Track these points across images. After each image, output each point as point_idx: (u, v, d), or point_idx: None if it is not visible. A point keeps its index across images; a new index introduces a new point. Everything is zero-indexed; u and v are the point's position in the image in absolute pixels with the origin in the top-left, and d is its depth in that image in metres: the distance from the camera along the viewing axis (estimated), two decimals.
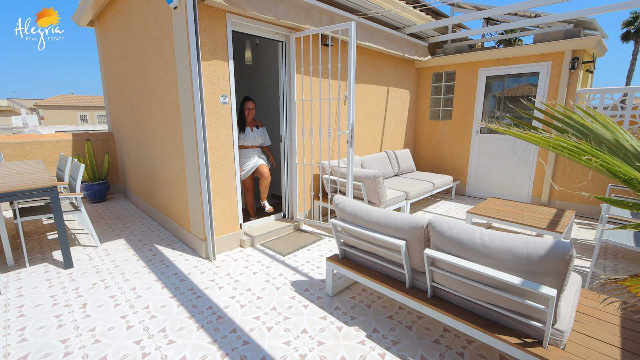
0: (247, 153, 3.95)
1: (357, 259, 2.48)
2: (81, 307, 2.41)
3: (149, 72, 3.73)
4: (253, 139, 3.97)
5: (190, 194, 3.31)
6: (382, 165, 4.99)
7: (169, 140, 3.58)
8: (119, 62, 4.70)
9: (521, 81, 5.23)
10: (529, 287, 1.47)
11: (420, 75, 6.24)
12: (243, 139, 3.89)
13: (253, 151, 3.99)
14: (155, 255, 3.30)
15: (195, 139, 3.02)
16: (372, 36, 4.57)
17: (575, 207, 4.79)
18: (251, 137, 3.95)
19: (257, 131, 4.02)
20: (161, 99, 3.57)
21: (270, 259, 3.24)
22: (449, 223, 1.80)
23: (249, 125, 3.97)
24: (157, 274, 2.90)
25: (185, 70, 2.95)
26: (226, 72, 3.16)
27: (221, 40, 3.08)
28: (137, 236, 3.81)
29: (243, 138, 3.89)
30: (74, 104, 28.22)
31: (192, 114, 2.98)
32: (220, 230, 3.34)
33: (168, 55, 3.24)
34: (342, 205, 2.36)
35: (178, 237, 3.73)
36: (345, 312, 2.37)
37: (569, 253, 1.45)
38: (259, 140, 4.04)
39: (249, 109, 3.87)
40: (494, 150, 5.50)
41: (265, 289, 2.68)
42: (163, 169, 3.86)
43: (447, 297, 1.95)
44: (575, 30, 4.57)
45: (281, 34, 3.66)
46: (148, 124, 4.05)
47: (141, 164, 4.57)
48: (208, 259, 3.21)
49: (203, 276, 2.87)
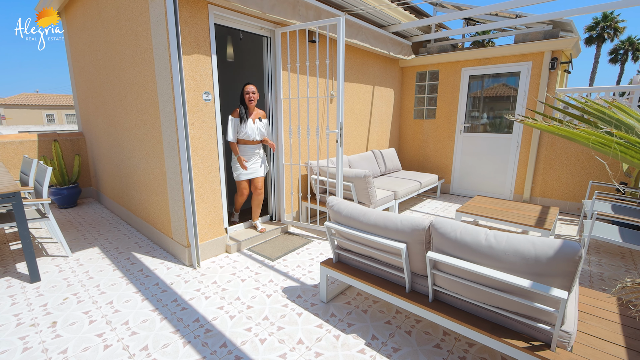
0: (245, 150, 3.42)
1: (353, 263, 2.38)
2: (50, 325, 2.17)
3: (124, 67, 3.48)
4: (254, 133, 3.39)
5: (171, 197, 3.11)
6: (369, 165, 4.93)
7: (146, 140, 3.35)
8: (89, 56, 4.38)
9: (499, 81, 5.32)
10: (540, 290, 1.42)
11: (404, 74, 6.25)
12: (242, 132, 3.34)
13: (253, 148, 3.45)
14: (134, 264, 3.07)
15: (176, 139, 2.82)
16: (358, 33, 4.50)
17: (555, 203, 4.92)
18: (252, 130, 3.36)
19: (259, 124, 3.43)
20: (138, 95, 3.33)
21: (258, 264, 3.09)
22: (452, 224, 1.74)
23: (251, 115, 3.41)
24: (137, 285, 2.69)
25: (165, 65, 2.75)
26: (209, 68, 2.98)
27: (203, 33, 2.90)
28: (112, 244, 3.55)
29: (242, 131, 3.33)
30: (39, 103, 26.58)
31: (172, 112, 2.79)
32: (205, 235, 3.15)
33: (145, 49, 3.02)
34: (336, 208, 2.25)
35: (158, 244, 3.50)
36: (342, 318, 2.27)
37: (578, 253, 1.41)
38: (262, 136, 3.48)
39: (249, 93, 3.30)
40: (477, 148, 5.58)
41: (256, 297, 2.53)
42: (140, 170, 3.62)
43: (449, 301, 1.89)
44: (554, 31, 4.69)
45: (266, 28, 3.51)
46: (123, 122, 3.79)
47: (116, 166, 4.28)
48: (192, 266, 3.02)
49: (187, 285, 2.69)
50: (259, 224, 3.73)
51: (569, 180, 4.78)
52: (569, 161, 4.74)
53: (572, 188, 4.77)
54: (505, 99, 5.31)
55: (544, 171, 4.96)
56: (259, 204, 3.66)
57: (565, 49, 4.56)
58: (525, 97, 4.95)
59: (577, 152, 4.66)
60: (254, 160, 3.50)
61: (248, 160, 3.45)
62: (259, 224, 3.72)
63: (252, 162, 3.48)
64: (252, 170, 3.48)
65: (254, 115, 3.41)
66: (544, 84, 4.72)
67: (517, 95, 5.04)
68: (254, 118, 3.41)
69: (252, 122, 3.38)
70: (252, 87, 3.34)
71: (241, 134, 3.35)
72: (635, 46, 30.45)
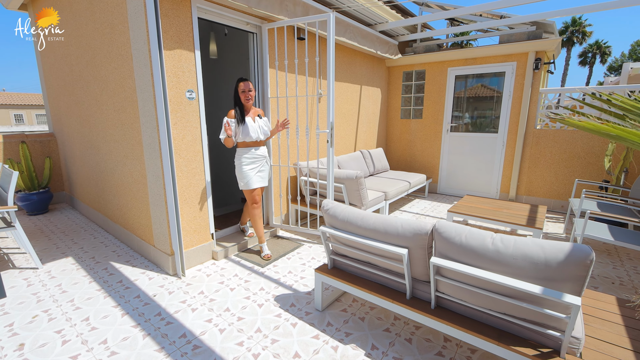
0: (249, 153, 3.03)
1: (349, 269, 2.28)
2: (17, 349, 1.96)
3: (99, 63, 3.24)
4: (257, 133, 3.00)
5: (152, 202, 2.91)
6: (358, 165, 4.86)
7: (124, 141, 3.13)
8: (60, 52, 4.08)
9: (484, 81, 5.37)
10: (553, 297, 1.36)
11: (391, 73, 6.22)
12: (242, 134, 2.95)
13: (257, 150, 3.07)
14: (112, 275, 2.85)
15: (157, 140, 2.64)
16: (346, 31, 4.41)
17: (540, 201, 5.01)
18: (254, 129, 2.98)
19: (260, 122, 3.07)
20: (114, 93, 3.11)
21: (248, 271, 2.94)
22: (457, 228, 1.66)
23: (249, 113, 3.03)
24: (116, 298, 2.48)
25: (144, 61, 2.55)
26: (192, 64, 2.81)
27: (186, 27, 2.72)
28: (88, 253, 3.30)
29: (242, 132, 2.94)
30: (6, 102, 25.13)
31: (153, 111, 2.60)
32: (190, 242, 2.97)
33: (122, 43, 2.81)
34: (332, 211, 2.14)
35: (139, 252, 3.28)
36: (339, 328, 2.16)
37: (590, 257, 1.36)
38: (265, 134, 3.12)
39: (245, 91, 2.92)
40: (464, 148, 5.61)
41: (246, 307, 2.39)
42: (118, 174, 3.39)
43: (452, 307, 1.82)
44: (538, 32, 4.77)
45: (252, 24, 3.36)
46: (99, 122, 3.54)
47: (91, 169, 4.01)
48: (176, 275, 2.83)
49: (172, 297, 2.51)
50: (247, 227, 3.55)
51: (552, 179, 4.87)
52: (552, 160, 4.83)
53: (556, 186, 4.86)
54: (489, 99, 5.37)
55: (528, 170, 5.03)
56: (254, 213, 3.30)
57: (548, 49, 4.64)
58: (510, 97, 5.01)
59: (560, 151, 4.75)
60: (261, 165, 3.11)
61: (253, 163, 3.05)
62: (248, 228, 3.55)
63: (259, 166, 3.09)
64: (261, 178, 3.10)
65: (252, 114, 3.05)
66: (528, 84, 4.79)
67: (502, 95, 5.09)
68: (253, 116, 3.04)
69: (251, 121, 3.00)
70: (248, 84, 2.94)
71: (241, 135, 2.95)
72: (602, 49, 32.15)
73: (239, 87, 2.95)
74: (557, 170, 4.81)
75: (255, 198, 3.10)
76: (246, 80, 2.96)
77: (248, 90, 2.93)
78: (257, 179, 3.07)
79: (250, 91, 2.94)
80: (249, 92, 2.94)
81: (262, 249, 3.23)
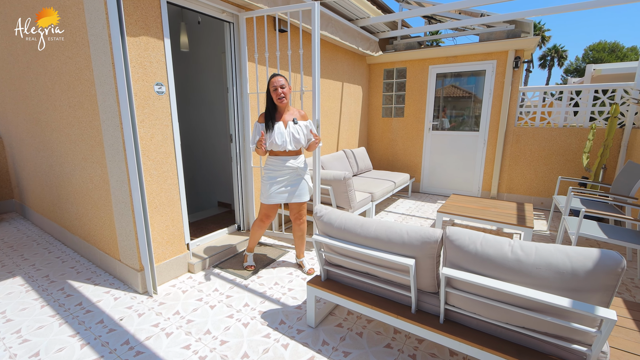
0: (275, 164, 2.57)
1: (345, 280, 2.07)
2: None
3: (50, 52, 2.82)
4: (285, 142, 2.50)
5: (117, 211, 2.55)
6: (342, 166, 4.67)
7: (82, 141, 2.74)
8: (2, 40, 3.57)
9: (465, 79, 5.38)
10: (585, 310, 1.22)
11: (372, 71, 6.09)
12: (269, 141, 2.49)
13: (285, 161, 2.57)
14: (70, 296, 2.47)
15: (121, 140, 2.30)
16: (328, 25, 4.21)
17: (521, 198, 5.06)
18: (282, 136, 2.48)
19: (294, 128, 2.53)
20: (69, 87, 2.71)
21: (229, 284, 2.65)
22: (470, 235, 1.50)
23: (282, 117, 2.53)
24: (74, 326, 2.12)
25: (103, 49, 2.21)
26: (161, 54, 2.48)
27: (153, 11, 2.40)
28: (41, 271, 2.87)
29: (268, 138, 2.50)
30: None
31: (115, 107, 2.26)
32: (162, 254, 2.64)
33: (76, 28, 2.43)
34: (327, 218, 1.92)
35: (102, 268, 2.90)
36: (336, 346, 1.95)
37: (621, 265, 1.23)
38: (299, 142, 2.57)
39: (277, 89, 2.43)
40: (446, 146, 5.59)
41: (230, 327, 2.12)
42: (76, 179, 2.98)
43: (463, 321, 1.66)
44: (517, 31, 4.80)
45: (228, 12, 3.06)
46: (52, 121, 3.11)
47: (44, 174, 3.53)
48: (147, 294, 2.50)
49: (142, 320, 2.18)
50: (305, 261, 2.91)
51: (532, 176, 4.94)
52: (532, 158, 4.89)
53: (536, 183, 4.93)
54: (467, 97, 5.39)
55: (509, 168, 5.07)
56: (301, 235, 2.85)
57: (527, 48, 4.68)
58: (490, 96, 5.02)
59: (539, 149, 4.81)
60: (288, 179, 2.62)
61: (281, 176, 2.60)
62: (305, 263, 2.90)
63: (284, 181, 2.61)
64: (287, 194, 2.64)
65: (287, 117, 2.55)
66: (508, 82, 4.81)
67: (483, 93, 5.10)
68: (287, 120, 2.54)
69: (282, 125, 2.52)
70: (281, 80, 2.45)
71: (269, 143, 2.50)
72: (560, 53, 34.29)
73: (270, 84, 2.47)
74: (536, 167, 4.88)
75: (268, 213, 2.69)
76: (278, 75, 2.48)
77: (280, 87, 2.43)
78: (276, 195, 2.60)
79: (282, 87, 2.44)
80: (282, 90, 2.44)
81: (246, 258, 2.93)
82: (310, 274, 2.81)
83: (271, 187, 2.60)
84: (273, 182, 2.59)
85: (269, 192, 2.61)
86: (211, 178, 4.76)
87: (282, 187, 2.61)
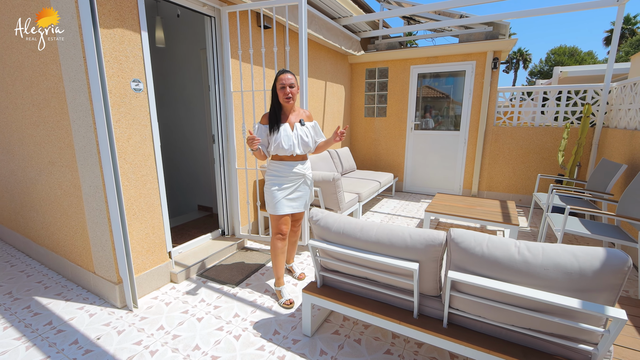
0: (280, 170, 2.29)
1: (343, 286, 1.99)
2: None
3: (8, 44, 2.55)
4: (294, 145, 2.23)
5: (90, 219, 2.34)
6: (328, 166, 4.60)
7: (49, 143, 2.50)
8: None
9: (446, 80, 5.47)
10: (595, 311, 1.21)
11: (354, 71, 6.07)
12: (274, 144, 2.22)
13: (291, 167, 2.29)
14: (38, 315, 2.23)
15: (95, 142, 2.10)
16: (312, 23, 4.13)
17: (501, 196, 5.20)
18: (288, 139, 2.21)
19: (302, 130, 2.28)
20: (32, 83, 2.46)
21: (217, 294, 2.50)
22: (475, 237, 1.46)
23: (288, 118, 2.27)
24: (44, 348, 1.91)
25: (73, 40, 2.01)
26: (138, 48, 2.30)
27: (128, 1, 2.21)
28: (3, 287, 2.59)
29: (274, 141, 2.21)
30: None
31: (88, 106, 2.06)
32: (142, 264, 2.45)
33: None
34: (323, 222, 1.84)
35: (75, 282, 2.66)
36: (334, 356, 1.87)
37: (627, 264, 1.23)
38: (308, 146, 2.31)
39: (285, 87, 2.16)
40: (428, 146, 5.66)
41: (220, 341, 1.98)
42: (42, 185, 2.72)
43: (468, 324, 1.63)
44: (494, 33, 4.93)
45: (209, 5, 2.90)
46: (12, 121, 2.82)
47: (5, 179, 3.21)
48: (126, 308, 2.30)
49: (123, 338, 2.00)
50: (295, 267, 2.79)
51: (511, 174, 5.09)
52: (510, 156, 5.04)
53: (514, 181, 5.08)
54: (446, 97, 5.49)
55: (489, 166, 5.20)
56: (295, 241, 2.68)
57: (505, 49, 4.81)
58: (470, 96, 5.13)
59: (517, 148, 4.97)
60: (295, 186, 2.34)
61: (287, 182, 2.31)
62: (295, 268, 2.79)
63: (290, 188, 2.32)
64: (295, 201, 2.36)
65: (293, 118, 2.29)
66: (487, 83, 4.93)
67: (464, 93, 5.20)
68: (293, 122, 2.28)
69: (289, 127, 2.25)
70: (291, 78, 2.17)
71: (274, 146, 2.22)
72: (524, 56, 36.17)
73: (277, 81, 2.18)
74: (514, 165, 5.03)
75: (281, 227, 2.33)
76: (287, 71, 2.20)
77: (289, 86, 2.16)
78: (285, 203, 2.30)
79: (291, 87, 2.17)
80: (290, 89, 2.17)
81: (280, 293, 2.41)
82: (301, 279, 2.72)
83: (278, 194, 2.28)
84: (279, 189, 2.29)
85: (276, 201, 2.28)
86: (190, 180, 4.54)
87: (289, 195, 2.32)
